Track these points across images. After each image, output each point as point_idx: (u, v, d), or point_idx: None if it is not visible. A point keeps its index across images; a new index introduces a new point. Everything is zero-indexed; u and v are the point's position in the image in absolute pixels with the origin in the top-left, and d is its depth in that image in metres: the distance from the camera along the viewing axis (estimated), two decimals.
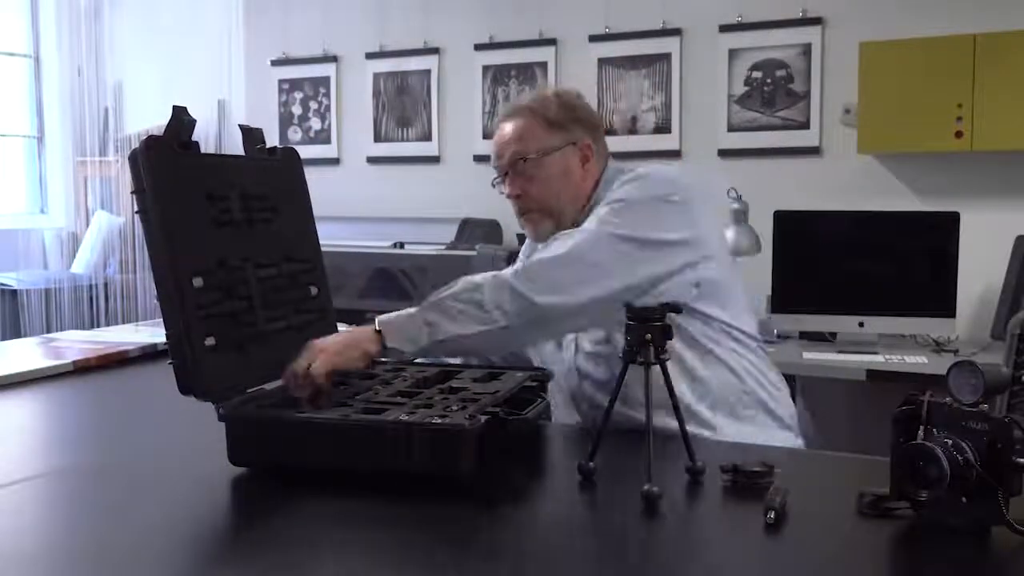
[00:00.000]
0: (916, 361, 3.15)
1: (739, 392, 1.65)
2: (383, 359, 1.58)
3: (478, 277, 1.54)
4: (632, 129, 4.39)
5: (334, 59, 5.09)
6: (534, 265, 1.55)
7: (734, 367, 1.66)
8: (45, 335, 2.94)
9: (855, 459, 1.40)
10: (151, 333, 2.36)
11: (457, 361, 1.83)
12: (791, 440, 1.69)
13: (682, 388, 1.55)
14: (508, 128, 1.78)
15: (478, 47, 4.71)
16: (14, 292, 5.07)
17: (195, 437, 1.44)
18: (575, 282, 1.52)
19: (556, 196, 1.73)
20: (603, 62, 4.44)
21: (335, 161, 5.13)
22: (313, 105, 5.18)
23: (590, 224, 1.61)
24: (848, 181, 3.93)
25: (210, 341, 1.32)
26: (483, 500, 1.20)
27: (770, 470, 1.20)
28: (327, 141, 5.15)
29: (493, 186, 1.82)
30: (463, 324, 1.47)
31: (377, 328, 1.46)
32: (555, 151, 1.75)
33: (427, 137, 4.88)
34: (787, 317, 3.50)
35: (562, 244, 1.57)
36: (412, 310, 1.49)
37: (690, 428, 1.30)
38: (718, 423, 1.61)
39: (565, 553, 1.06)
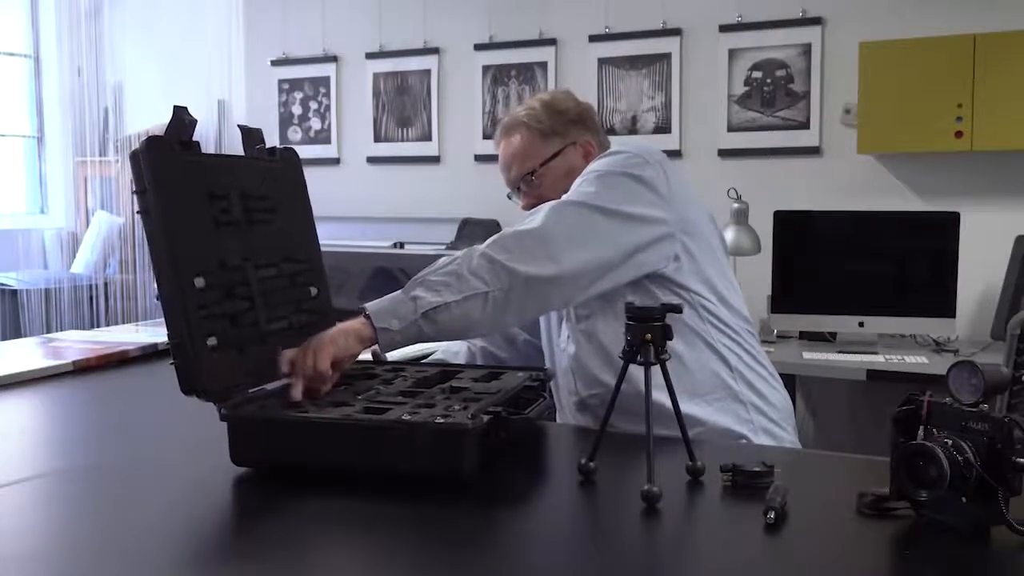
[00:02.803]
0: (916, 361, 3.16)
1: (719, 369, 1.64)
2: (384, 361, 1.59)
3: (458, 252, 1.56)
4: (632, 129, 4.39)
5: (334, 59, 5.09)
6: (508, 236, 1.56)
7: (711, 342, 1.65)
8: (45, 335, 2.94)
9: (855, 459, 1.40)
10: (151, 333, 2.36)
11: (461, 360, 1.83)
12: (780, 430, 1.68)
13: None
14: (508, 146, 1.84)
15: (478, 47, 4.71)
16: (14, 292, 5.08)
17: (195, 437, 1.44)
18: (549, 252, 1.53)
19: None
20: (603, 62, 4.44)
21: (335, 161, 5.13)
22: (313, 105, 5.18)
23: (565, 195, 1.63)
24: (848, 181, 3.93)
25: (212, 341, 1.31)
26: (483, 500, 1.20)
27: (770, 470, 1.20)
28: (327, 141, 5.15)
29: (509, 198, 1.90)
30: (445, 295, 1.48)
31: (366, 314, 1.46)
32: (556, 157, 1.79)
33: (427, 137, 4.89)
34: (787, 317, 3.51)
35: (536, 216, 1.59)
36: (397, 292, 1.50)
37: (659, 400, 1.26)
38: (694, 402, 1.60)
39: (565, 553, 1.06)
